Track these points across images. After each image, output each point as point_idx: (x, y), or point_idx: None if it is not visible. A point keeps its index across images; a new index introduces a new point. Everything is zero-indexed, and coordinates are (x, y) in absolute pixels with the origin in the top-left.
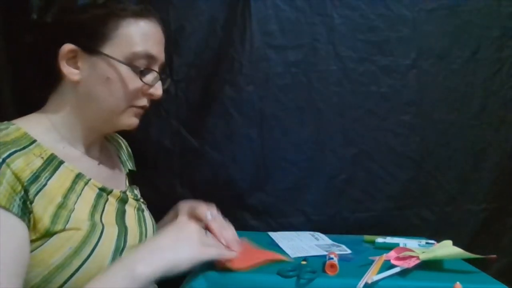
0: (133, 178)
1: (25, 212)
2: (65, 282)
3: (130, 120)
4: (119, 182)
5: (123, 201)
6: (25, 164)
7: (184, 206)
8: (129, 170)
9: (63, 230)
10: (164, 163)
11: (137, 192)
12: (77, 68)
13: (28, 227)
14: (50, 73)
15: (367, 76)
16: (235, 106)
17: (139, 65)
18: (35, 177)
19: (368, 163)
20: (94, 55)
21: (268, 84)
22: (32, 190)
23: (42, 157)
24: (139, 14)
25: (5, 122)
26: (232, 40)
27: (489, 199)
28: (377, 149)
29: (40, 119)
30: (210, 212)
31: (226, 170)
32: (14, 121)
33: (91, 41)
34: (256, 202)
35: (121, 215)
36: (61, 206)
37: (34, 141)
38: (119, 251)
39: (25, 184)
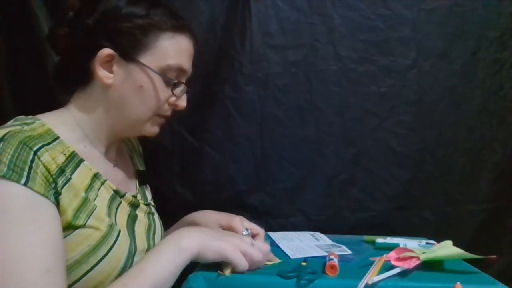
0: (145, 177)
1: (57, 202)
2: (79, 279)
3: (153, 128)
4: (130, 185)
5: (134, 206)
6: (51, 158)
7: (211, 217)
8: (139, 170)
9: (84, 226)
10: (164, 163)
11: (148, 192)
12: (111, 72)
13: None
14: (81, 72)
15: (367, 76)
16: (235, 106)
17: (170, 77)
18: (61, 171)
19: (368, 163)
20: (131, 62)
21: (268, 84)
22: (60, 183)
23: (65, 154)
24: (178, 29)
25: (31, 116)
26: (232, 40)
27: (489, 199)
28: (377, 149)
29: (64, 116)
30: (245, 228)
31: (226, 170)
32: (39, 116)
33: (130, 49)
34: (256, 202)
35: (132, 220)
36: (84, 200)
37: (57, 137)
38: (131, 254)
39: (53, 176)
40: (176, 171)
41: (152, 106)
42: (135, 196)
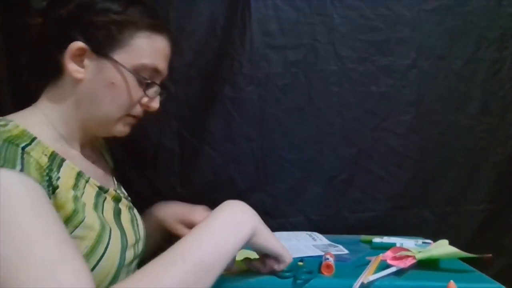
0: (117, 176)
1: (53, 194)
2: None
3: (123, 128)
4: (110, 181)
5: (117, 200)
6: (38, 157)
7: (171, 213)
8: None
9: (81, 222)
10: (164, 163)
11: (123, 190)
12: (82, 66)
13: None
14: (51, 64)
15: (367, 76)
16: (235, 106)
17: (144, 76)
18: (50, 170)
19: (368, 163)
20: (103, 58)
21: (268, 84)
22: (53, 178)
23: (45, 154)
24: (155, 28)
25: (1, 118)
26: (232, 40)
27: (489, 199)
28: (377, 149)
29: (36, 115)
30: None
31: (226, 170)
32: (9, 117)
33: (104, 44)
34: (256, 202)
35: (117, 215)
36: (75, 198)
37: (35, 138)
38: (124, 249)
39: (46, 171)
40: (176, 171)
41: (123, 105)
42: (115, 191)
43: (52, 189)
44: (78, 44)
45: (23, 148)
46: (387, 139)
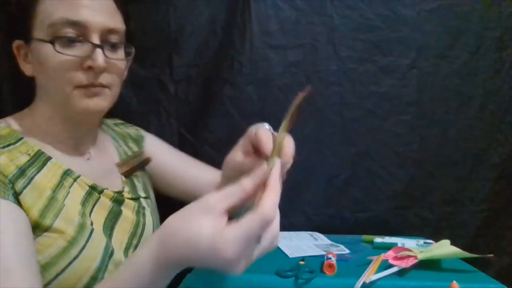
0: (143, 163)
1: (17, 202)
2: (50, 282)
3: (83, 102)
4: (113, 179)
5: (118, 201)
6: (8, 160)
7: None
8: (131, 153)
9: (51, 226)
10: None
11: (139, 184)
12: (29, 62)
13: None
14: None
15: (367, 76)
16: (235, 106)
17: (63, 36)
18: (21, 172)
19: (368, 163)
20: (30, 43)
21: (268, 84)
22: (19, 185)
23: (29, 154)
24: None
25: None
26: (232, 40)
27: (489, 199)
28: (377, 149)
29: (25, 117)
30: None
31: None
32: (6, 119)
33: (23, 30)
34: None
35: (113, 217)
36: (51, 199)
37: (21, 138)
38: (107, 255)
39: (10, 178)
40: None
41: (58, 78)
42: (119, 192)
43: (14, 195)
44: (14, 43)
45: None
46: (387, 139)
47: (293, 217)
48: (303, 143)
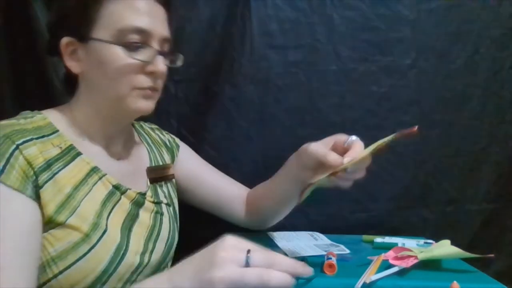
0: (168, 178)
1: (37, 196)
2: (56, 275)
3: (138, 103)
4: (139, 182)
5: (137, 204)
6: (38, 151)
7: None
8: (163, 163)
9: (64, 223)
10: None
11: (163, 190)
12: (77, 60)
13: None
14: (67, 71)
15: (367, 76)
16: (235, 106)
17: (131, 41)
18: (47, 165)
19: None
20: (87, 42)
21: (268, 84)
22: (43, 177)
23: (61, 147)
24: None
25: (35, 111)
26: (232, 40)
27: (489, 199)
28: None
29: (65, 112)
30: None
31: (226, 170)
32: (43, 111)
33: (81, 29)
34: None
35: (130, 220)
36: (69, 196)
37: (57, 131)
38: (119, 255)
39: (36, 170)
40: None
41: (119, 79)
42: (142, 194)
43: (35, 188)
44: (65, 40)
45: (18, 145)
46: None
47: (292, 217)
48: (303, 143)
